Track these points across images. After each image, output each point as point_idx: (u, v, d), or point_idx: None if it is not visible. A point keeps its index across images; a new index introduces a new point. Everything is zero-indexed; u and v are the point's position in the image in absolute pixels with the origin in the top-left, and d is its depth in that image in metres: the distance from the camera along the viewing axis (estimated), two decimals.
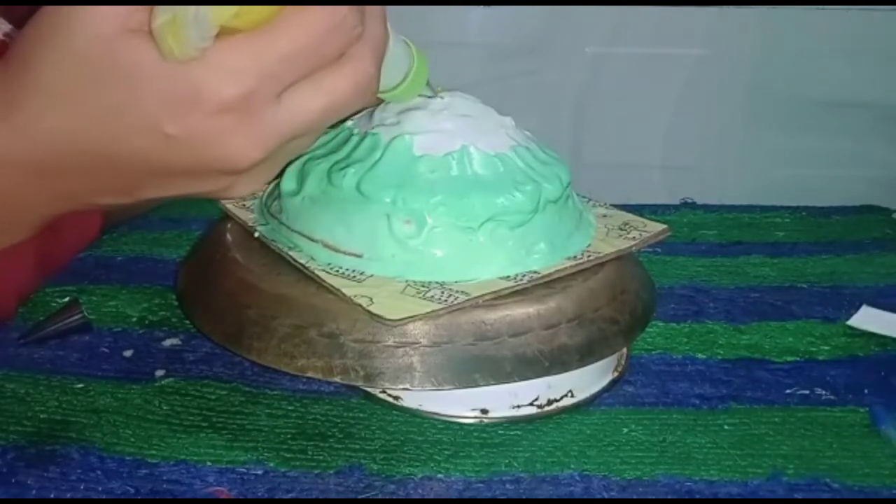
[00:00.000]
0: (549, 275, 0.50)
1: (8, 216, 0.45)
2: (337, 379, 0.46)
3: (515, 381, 0.47)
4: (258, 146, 0.38)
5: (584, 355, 0.49)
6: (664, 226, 0.55)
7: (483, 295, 0.48)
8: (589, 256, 0.52)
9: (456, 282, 0.48)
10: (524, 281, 0.49)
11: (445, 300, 0.47)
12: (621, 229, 0.55)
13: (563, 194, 0.52)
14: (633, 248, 0.53)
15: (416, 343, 0.46)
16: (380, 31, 0.41)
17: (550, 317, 0.48)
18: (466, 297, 0.47)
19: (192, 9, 0.35)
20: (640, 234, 0.54)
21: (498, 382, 0.47)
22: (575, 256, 0.51)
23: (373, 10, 0.41)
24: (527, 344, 0.47)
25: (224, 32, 0.36)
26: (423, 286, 0.48)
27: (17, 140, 0.40)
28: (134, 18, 0.36)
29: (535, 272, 0.50)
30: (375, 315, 0.46)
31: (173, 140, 0.38)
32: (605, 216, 0.57)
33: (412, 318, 0.46)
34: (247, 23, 0.36)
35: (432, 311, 0.46)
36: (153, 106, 0.37)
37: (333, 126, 0.51)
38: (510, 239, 0.49)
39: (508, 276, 0.49)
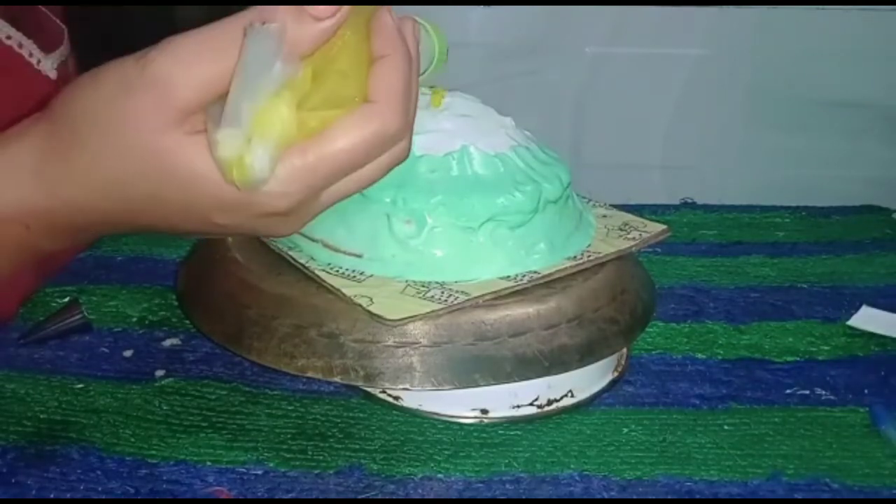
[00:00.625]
0: (549, 275, 0.50)
1: (49, 252, 0.45)
2: (337, 379, 0.46)
3: (515, 381, 0.47)
4: (295, 229, 0.41)
5: (585, 355, 0.49)
6: (664, 226, 0.55)
7: (483, 295, 0.48)
8: (589, 256, 0.52)
9: (456, 282, 0.48)
10: (524, 281, 0.49)
11: (445, 300, 0.47)
12: (621, 230, 0.55)
13: (563, 194, 0.52)
14: (633, 249, 0.54)
15: (416, 343, 0.46)
16: (415, 108, 0.41)
17: (550, 317, 0.48)
18: (466, 297, 0.47)
19: (258, 149, 0.35)
20: (641, 235, 0.54)
21: (498, 382, 0.47)
22: (575, 256, 0.51)
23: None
24: (527, 344, 0.47)
25: None
26: (423, 286, 0.48)
27: (66, 213, 0.41)
28: (189, 120, 0.36)
29: (535, 272, 0.50)
30: (375, 315, 0.46)
31: (220, 226, 0.40)
32: (605, 216, 0.57)
33: (412, 319, 0.46)
34: (305, 135, 0.37)
35: (432, 312, 0.46)
36: (205, 207, 0.38)
37: None
38: (510, 239, 0.49)
39: (508, 276, 0.49)
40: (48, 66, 0.60)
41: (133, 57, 0.37)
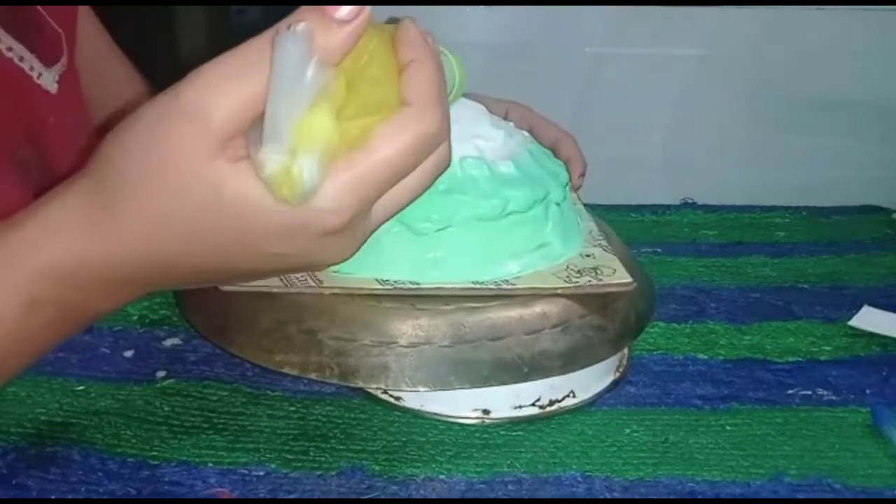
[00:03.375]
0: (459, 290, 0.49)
1: (96, 316, 0.44)
2: (312, 376, 0.46)
3: (492, 385, 0.47)
4: (353, 249, 0.40)
5: (567, 362, 0.48)
6: (629, 280, 0.51)
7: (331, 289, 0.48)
8: (508, 286, 0.49)
9: (419, 283, 0.48)
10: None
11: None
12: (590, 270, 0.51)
13: (536, 207, 0.50)
14: (559, 291, 0.49)
15: (393, 343, 0.46)
16: (448, 115, 0.40)
17: (533, 322, 0.48)
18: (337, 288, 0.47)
19: (304, 161, 0.34)
20: (597, 280, 0.50)
21: (473, 386, 0.47)
22: (496, 282, 0.49)
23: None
24: (506, 348, 0.47)
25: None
26: (387, 282, 0.48)
27: (115, 265, 0.40)
28: (229, 147, 0.36)
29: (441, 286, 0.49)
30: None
31: (278, 256, 0.39)
32: (589, 256, 0.53)
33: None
34: (347, 145, 0.36)
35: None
36: (261, 235, 0.38)
37: None
38: (475, 244, 0.49)
39: (476, 282, 0.49)
40: (49, 79, 0.59)
41: (167, 92, 0.36)
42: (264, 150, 0.34)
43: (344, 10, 0.35)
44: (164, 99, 0.36)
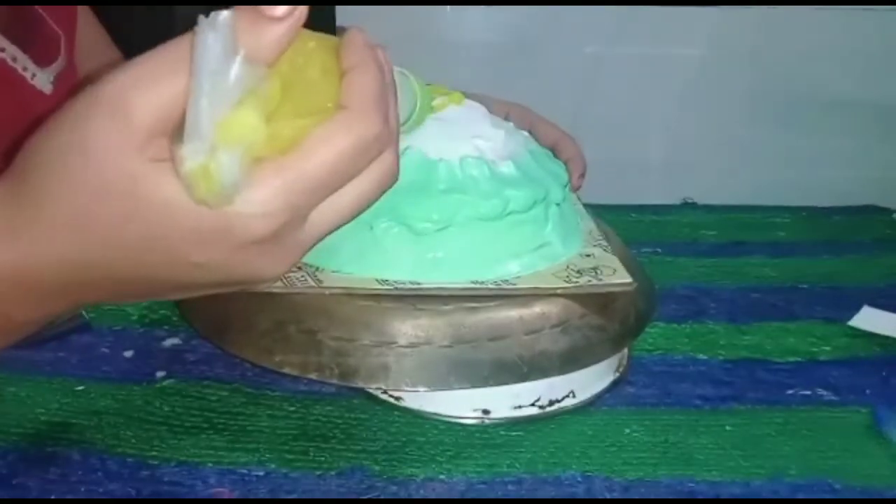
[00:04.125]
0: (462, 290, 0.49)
1: (19, 326, 0.42)
2: (312, 376, 0.46)
3: (492, 385, 0.47)
4: (285, 264, 0.38)
5: (567, 362, 0.48)
6: (629, 280, 0.51)
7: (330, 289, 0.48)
8: (508, 286, 0.49)
9: (420, 283, 0.48)
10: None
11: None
12: (591, 269, 0.52)
13: (535, 208, 0.51)
14: (559, 291, 0.49)
15: (393, 343, 0.46)
16: (396, 118, 0.39)
17: (533, 322, 0.48)
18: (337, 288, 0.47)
19: (223, 156, 0.32)
20: (597, 280, 0.50)
21: (473, 386, 0.47)
22: (496, 282, 0.49)
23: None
24: (506, 348, 0.47)
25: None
26: (387, 282, 0.48)
27: (35, 270, 0.38)
28: (151, 145, 0.34)
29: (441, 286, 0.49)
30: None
31: (199, 267, 0.37)
32: (589, 256, 0.53)
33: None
34: (278, 148, 0.34)
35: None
36: (180, 240, 0.36)
37: None
38: (475, 244, 0.49)
39: (476, 281, 0.49)
40: (43, 80, 0.59)
41: (90, 88, 0.34)
42: (184, 147, 0.32)
43: (279, 10, 0.33)
44: (87, 93, 0.34)
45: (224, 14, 0.32)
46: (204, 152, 0.32)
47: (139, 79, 0.34)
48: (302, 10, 0.34)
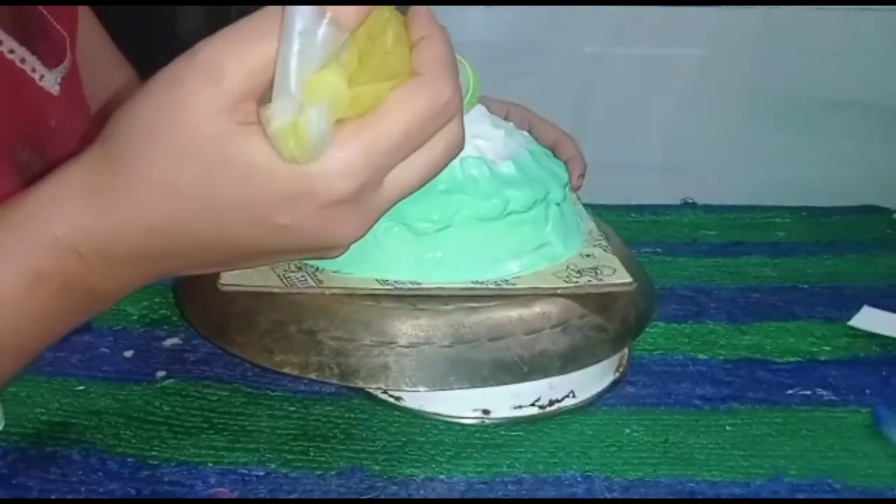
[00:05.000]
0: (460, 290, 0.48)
1: (100, 300, 0.43)
2: (312, 376, 0.46)
3: (492, 385, 0.47)
4: (363, 227, 0.39)
5: (567, 362, 0.48)
6: (629, 280, 0.51)
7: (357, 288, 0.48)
8: (508, 286, 0.49)
9: (419, 283, 0.48)
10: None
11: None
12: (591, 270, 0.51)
13: (535, 208, 0.50)
14: (559, 291, 0.49)
15: (393, 343, 0.46)
16: (461, 90, 0.40)
17: (533, 321, 0.48)
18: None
19: (311, 112, 0.34)
20: (597, 280, 0.50)
21: (473, 386, 0.47)
22: (496, 282, 0.49)
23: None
24: (506, 348, 0.47)
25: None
26: (387, 282, 0.48)
27: (121, 236, 0.39)
28: (240, 109, 0.35)
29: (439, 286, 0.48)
30: None
31: (284, 229, 0.38)
32: (589, 256, 0.53)
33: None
34: (358, 111, 0.36)
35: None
36: (267, 202, 0.37)
37: None
38: (474, 244, 0.49)
39: (476, 281, 0.49)
40: (51, 81, 0.59)
41: (184, 54, 0.36)
42: (272, 106, 0.34)
43: None
44: (180, 60, 0.36)
45: None
46: (292, 109, 0.34)
47: (232, 43, 0.35)
48: None
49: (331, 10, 0.34)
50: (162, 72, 0.37)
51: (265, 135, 0.35)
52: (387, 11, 0.37)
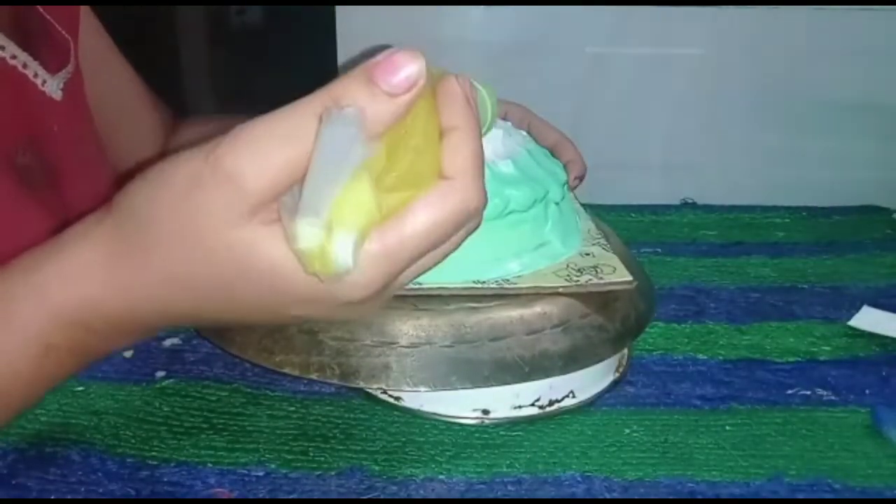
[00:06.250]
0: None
1: (102, 355, 0.44)
2: (313, 376, 0.46)
3: (493, 385, 0.47)
4: (372, 311, 0.40)
5: (568, 362, 0.48)
6: (629, 278, 0.51)
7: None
8: (509, 285, 0.49)
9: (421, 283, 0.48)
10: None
11: None
12: (590, 268, 0.51)
13: (532, 209, 0.50)
14: (561, 290, 0.49)
15: (394, 343, 0.46)
16: (485, 192, 0.39)
17: (534, 321, 0.48)
18: None
19: (339, 237, 0.33)
20: (597, 279, 0.50)
21: (474, 386, 0.47)
22: (497, 282, 0.49)
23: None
24: (507, 348, 0.47)
25: None
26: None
27: (129, 314, 0.40)
28: (263, 210, 0.35)
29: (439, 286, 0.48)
30: None
31: (296, 318, 0.40)
32: (588, 255, 0.53)
33: None
34: (384, 218, 0.35)
35: None
36: (286, 301, 0.37)
37: None
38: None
39: (477, 281, 0.49)
40: (54, 87, 0.59)
41: (202, 151, 0.35)
42: (300, 223, 0.33)
43: (395, 84, 0.34)
44: (201, 158, 0.35)
45: (353, 112, 0.33)
46: (319, 226, 0.33)
47: (253, 147, 0.34)
48: (420, 86, 0.34)
49: (367, 126, 0.33)
50: (181, 162, 0.36)
51: (286, 237, 0.34)
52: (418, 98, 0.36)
